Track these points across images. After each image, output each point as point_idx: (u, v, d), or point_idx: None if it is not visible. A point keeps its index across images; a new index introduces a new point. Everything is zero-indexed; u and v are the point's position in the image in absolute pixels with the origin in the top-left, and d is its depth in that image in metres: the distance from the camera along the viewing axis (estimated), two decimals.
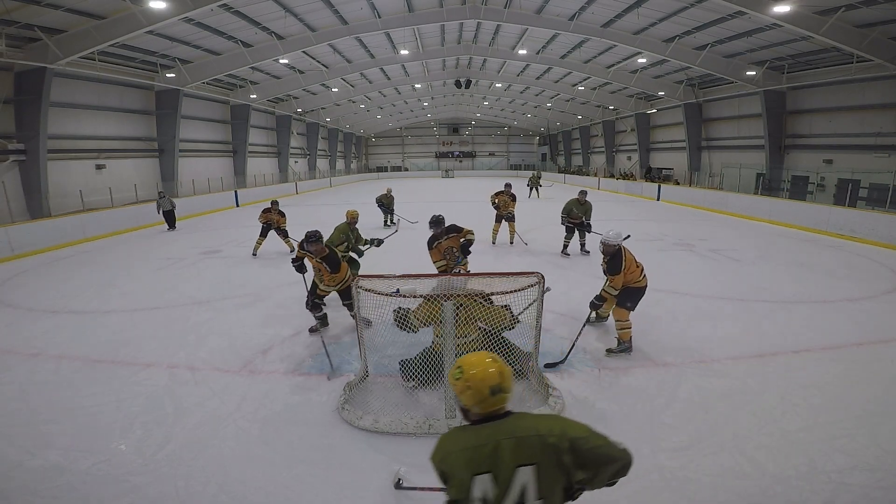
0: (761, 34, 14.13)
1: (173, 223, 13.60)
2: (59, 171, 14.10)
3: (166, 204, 13.31)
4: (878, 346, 4.73)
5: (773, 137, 17.84)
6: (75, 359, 4.73)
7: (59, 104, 13.85)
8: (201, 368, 4.44)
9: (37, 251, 10.38)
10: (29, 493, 2.81)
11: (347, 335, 5.21)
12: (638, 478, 2.85)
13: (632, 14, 14.86)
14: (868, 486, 2.74)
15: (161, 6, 11.16)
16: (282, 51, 16.93)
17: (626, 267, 4.49)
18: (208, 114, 22.13)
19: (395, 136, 50.18)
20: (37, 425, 3.53)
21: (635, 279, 4.60)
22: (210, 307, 6.32)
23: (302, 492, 2.80)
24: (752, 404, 3.64)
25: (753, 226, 12.90)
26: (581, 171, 36.15)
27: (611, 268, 4.52)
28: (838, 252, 9.37)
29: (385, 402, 3.70)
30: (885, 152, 14.05)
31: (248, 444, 3.25)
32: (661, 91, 22.43)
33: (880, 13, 11.40)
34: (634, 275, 4.58)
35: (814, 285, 6.90)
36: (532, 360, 4.04)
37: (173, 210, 13.50)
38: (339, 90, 26.77)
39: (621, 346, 4.65)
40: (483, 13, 16.36)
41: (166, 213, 13.36)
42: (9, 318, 6.09)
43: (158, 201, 13.23)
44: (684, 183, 22.70)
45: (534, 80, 27.58)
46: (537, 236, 11.42)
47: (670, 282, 6.99)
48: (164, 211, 13.28)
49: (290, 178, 29.30)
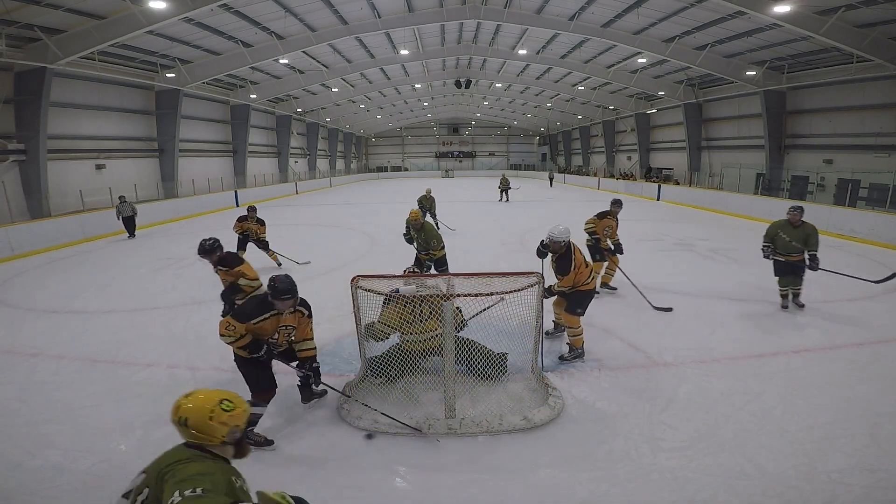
0: (761, 34, 14.13)
1: (133, 230, 12.35)
2: (59, 171, 14.09)
3: (126, 209, 12.07)
4: (878, 346, 4.73)
5: (773, 137, 17.84)
6: (75, 359, 4.73)
7: (59, 104, 13.84)
8: (201, 368, 4.44)
9: (37, 251, 10.38)
10: (29, 493, 2.82)
11: (348, 335, 5.20)
12: (638, 478, 2.85)
13: (632, 14, 14.85)
14: (868, 486, 2.74)
15: (161, 6, 11.15)
16: (282, 51, 16.92)
17: (577, 267, 4.14)
18: (208, 114, 22.13)
19: (395, 136, 50.18)
20: (37, 425, 3.53)
21: (583, 281, 4.25)
22: (210, 307, 6.31)
23: (302, 492, 2.77)
24: (752, 404, 3.64)
25: (753, 226, 12.90)
26: (581, 171, 36.15)
27: (560, 268, 4.18)
28: (838, 252, 9.36)
29: (385, 402, 3.70)
30: (885, 152, 14.05)
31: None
32: (661, 91, 22.43)
33: (880, 13, 11.40)
34: (583, 276, 4.23)
35: (814, 285, 6.89)
36: (532, 360, 4.04)
37: (134, 217, 12.28)
38: (339, 90, 26.77)
39: (573, 353, 4.43)
40: (483, 13, 16.35)
41: (126, 220, 12.12)
42: (9, 318, 6.09)
43: (118, 206, 12.06)
44: (684, 183, 22.70)
45: (534, 80, 27.58)
46: (538, 236, 11.43)
47: (670, 282, 6.98)
48: (124, 217, 12.05)
49: (290, 179, 29.30)
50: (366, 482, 2.88)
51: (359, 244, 10.88)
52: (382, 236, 11.73)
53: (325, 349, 4.81)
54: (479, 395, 3.80)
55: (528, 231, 12.20)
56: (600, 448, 3.15)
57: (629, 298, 6.33)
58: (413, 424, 3.35)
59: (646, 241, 10.33)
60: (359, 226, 13.73)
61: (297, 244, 11.12)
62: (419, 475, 2.95)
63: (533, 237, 11.26)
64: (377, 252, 9.88)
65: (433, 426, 3.37)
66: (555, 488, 2.80)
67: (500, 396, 3.76)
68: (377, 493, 2.80)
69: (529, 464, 3.02)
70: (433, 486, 2.84)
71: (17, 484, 2.89)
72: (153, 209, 15.20)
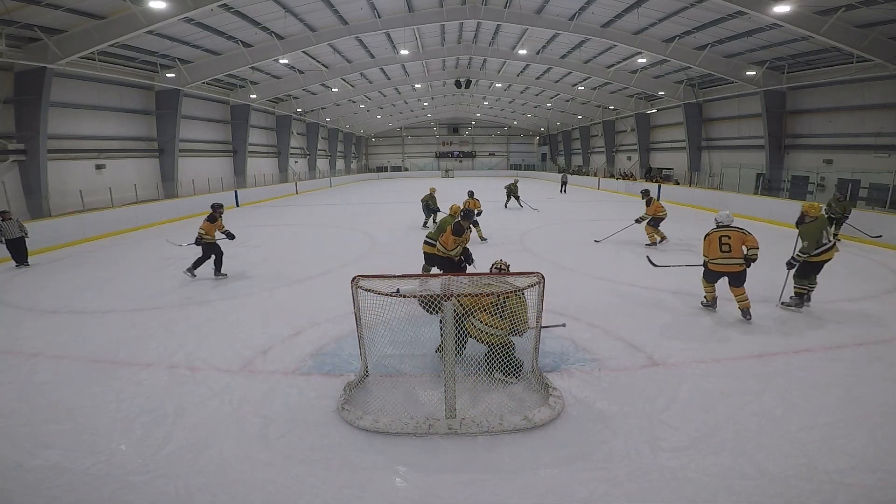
0: (761, 34, 14.14)
1: (24, 257, 9.15)
2: (59, 171, 14.10)
3: (12, 230, 8.92)
4: (878, 346, 4.73)
5: (773, 137, 17.85)
6: (75, 359, 4.73)
7: (59, 104, 13.85)
8: (201, 368, 4.44)
9: (37, 251, 10.36)
10: (29, 493, 2.81)
11: (348, 335, 5.20)
12: (638, 478, 2.85)
13: (632, 14, 14.86)
14: (868, 486, 2.74)
15: (161, 6, 11.16)
16: (282, 51, 16.93)
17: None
18: (208, 114, 22.13)
19: (395, 136, 50.20)
20: (37, 425, 3.53)
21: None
22: (210, 307, 6.32)
23: (302, 492, 2.80)
24: (752, 404, 3.64)
25: (753, 226, 12.86)
26: (581, 171, 36.15)
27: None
28: (838, 252, 9.36)
29: (385, 402, 3.70)
30: (885, 152, 14.06)
31: (248, 444, 3.25)
32: (661, 91, 22.44)
33: (880, 13, 11.41)
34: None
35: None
36: (533, 361, 4.05)
37: (24, 238, 9.13)
38: (339, 90, 26.78)
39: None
40: (483, 13, 16.37)
41: (11, 243, 8.94)
42: (9, 318, 6.09)
43: (0, 225, 8.82)
44: (684, 183, 22.70)
45: (534, 80, 27.59)
46: (538, 236, 11.43)
47: (670, 282, 6.99)
48: (8, 240, 8.88)
49: (290, 179, 29.30)
50: (366, 482, 2.88)
51: (359, 244, 10.89)
52: (383, 236, 11.73)
53: (325, 349, 4.83)
54: (480, 395, 3.80)
55: (527, 231, 12.21)
56: (600, 448, 3.15)
57: (629, 298, 6.34)
58: (414, 424, 3.34)
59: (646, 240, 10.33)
60: (359, 226, 13.74)
61: (298, 244, 11.13)
62: (419, 475, 2.95)
63: (533, 237, 11.28)
64: (377, 252, 9.88)
65: (433, 426, 3.37)
66: (555, 488, 2.80)
67: (500, 396, 3.76)
68: (377, 493, 2.80)
69: (529, 464, 3.02)
70: (433, 486, 2.84)
71: (17, 484, 2.89)
72: (153, 209, 15.21)
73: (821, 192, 15.62)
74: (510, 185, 17.72)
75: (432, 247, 6.29)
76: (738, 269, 5.35)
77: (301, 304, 6.35)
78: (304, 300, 6.52)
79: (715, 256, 5.44)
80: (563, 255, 9.10)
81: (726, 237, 5.42)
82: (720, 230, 5.52)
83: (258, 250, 10.26)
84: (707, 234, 5.59)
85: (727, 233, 5.45)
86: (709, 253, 5.51)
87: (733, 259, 5.35)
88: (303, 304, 6.34)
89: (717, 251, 5.42)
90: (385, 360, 4.35)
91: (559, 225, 13.27)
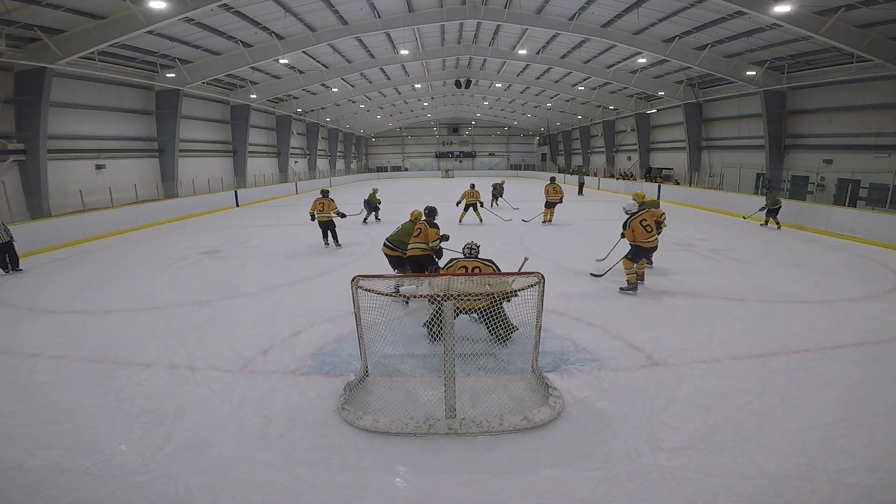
0: (761, 34, 14.13)
1: (15, 262, 8.70)
2: (59, 171, 14.08)
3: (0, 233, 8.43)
4: (878, 346, 4.73)
5: (773, 137, 17.84)
6: (75, 359, 4.73)
7: (59, 104, 13.83)
8: (201, 368, 4.44)
9: (37, 251, 10.37)
10: (29, 493, 2.81)
11: (348, 335, 5.20)
12: (638, 478, 2.85)
13: (632, 14, 14.85)
14: (868, 486, 2.74)
15: (161, 6, 11.15)
16: (282, 51, 16.92)
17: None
18: (208, 114, 22.12)
19: (395, 136, 50.18)
20: (37, 425, 3.53)
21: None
22: (210, 307, 6.32)
23: (302, 492, 2.80)
24: (752, 404, 3.64)
25: (753, 226, 12.90)
26: (581, 170, 36.13)
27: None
28: (838, 252, 9.37)
29: (385, 402, 3.70)
30: (885, 152, 14.05)
31: (248, 445, 3.25)
32: (661, 91, 22.43)
33: (880, 13, 11.39)
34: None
35: (814, 285, 6.90)
36: (533, 361, 4.04)
37: (11, 242, 8.64)
38: (339, 90, 26.76)
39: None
40: (483, 13, 16.36)
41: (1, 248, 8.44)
42: (9, 318, 6.09)
43: None
44: (684, 183, 22.69)
45: (534, 80, 27.57)
46: (538, 236, 11.42)
47: (670, 281, 6.99)
48: None
49: (290, 178, 29.29)
50: (366, 482, 2.88)
51: (359, 244, 10.88)
52: (383, 236, 11.70)
53: (325, 349, 4.83)
54: (480, 395, 3.80)
55: (527, 231, 12.21)
56: (600, 448, 3.15)
57: (629, 298, 6.34)
58: (414, 424, 3.34)
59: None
60: (359, 226, 13.73)
61: (298, 244, 11.14)
62: (419, 475, 2.95)
63: (533, 237, 11.28)
64: (377, 252, 9.87)
65: (433, 426, 3.37)
66: (555, 488, 2.80)
67: (500, 396, 3.76)
68: (377, 493, 2.80)
69: (529, 464, 3.02)
70: (433, 486, 2.84)
71: (17, 484, 2.89)
72: (153, 209, 15.21)
73: (821, 192, 15.62)
74: (496, 185, 18.49)
75: (393, 250, 6.58)
76: (657, 243, 6.59)
77: (301, 304, 6.35)
78: (304, 300, 6.53)
79: (643, 237, 6.37)
80: (563, 256, 9.10)
81: (643, 220, 6.42)
82: (636, 216, 6.46)
83: (258, 250, 10.27)
84: (627, 224, 6.45)
85: (642, 216, 6.45)
86: (637, 237, 6.36)
87: (655, 235, 6.48)
88: (303, 304, 6.34)
89: (644, 233, 6.36)
90: (385, 360, 4.35)
91: (559, 225, 13.26)
